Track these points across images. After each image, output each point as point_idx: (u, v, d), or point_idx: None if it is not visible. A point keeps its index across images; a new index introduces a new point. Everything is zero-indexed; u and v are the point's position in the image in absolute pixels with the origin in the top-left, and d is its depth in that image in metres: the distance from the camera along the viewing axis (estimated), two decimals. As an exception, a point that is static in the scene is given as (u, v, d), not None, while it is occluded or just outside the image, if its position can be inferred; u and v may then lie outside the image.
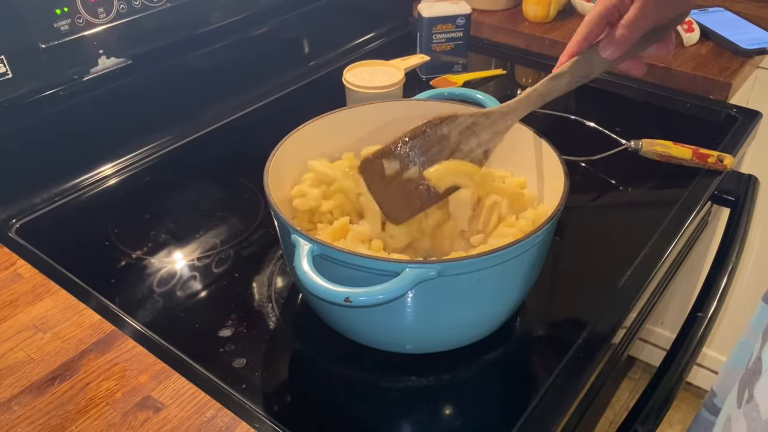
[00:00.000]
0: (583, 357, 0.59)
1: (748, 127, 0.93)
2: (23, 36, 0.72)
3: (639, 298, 0.66)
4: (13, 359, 0.55)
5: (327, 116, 0.68)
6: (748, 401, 0.47)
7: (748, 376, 0.49)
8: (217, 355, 0.59)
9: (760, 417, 0.45)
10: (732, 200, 0.83)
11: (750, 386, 0.48)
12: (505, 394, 0.59)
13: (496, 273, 0.53)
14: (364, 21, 1.19)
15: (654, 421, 0.64)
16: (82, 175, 0.83)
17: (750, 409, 0.46)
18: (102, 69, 0.80)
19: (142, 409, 0.51)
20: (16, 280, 0.64)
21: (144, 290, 0.67)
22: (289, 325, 0.63)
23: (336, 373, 0.59)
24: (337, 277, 0.48)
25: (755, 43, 1.04)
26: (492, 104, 0.71)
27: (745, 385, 0.49)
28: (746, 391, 0.48)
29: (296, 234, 0.52)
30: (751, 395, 0.47)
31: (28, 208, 0.77)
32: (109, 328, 0.59)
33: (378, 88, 0.87)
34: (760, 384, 0.46)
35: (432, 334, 0.58)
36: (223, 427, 0.50)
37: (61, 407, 0.51)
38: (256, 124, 0.95)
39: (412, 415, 0.56)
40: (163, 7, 0.84)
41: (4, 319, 0.59)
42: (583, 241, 0.74)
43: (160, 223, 0.76)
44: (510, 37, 1.16)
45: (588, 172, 0.84)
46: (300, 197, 0.64)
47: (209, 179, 0.85)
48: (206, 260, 0.71)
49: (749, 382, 0.48)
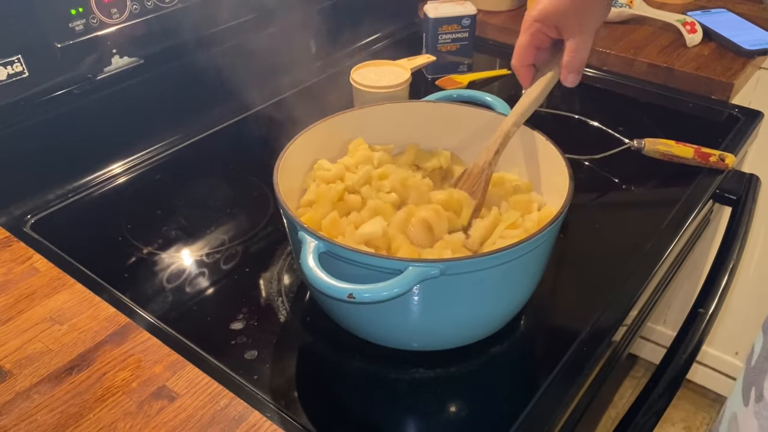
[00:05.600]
0: (584, 353, 0.60)
1: (750, 126, 0.94)
2: (39, 36, 0.74)
3: (640, 296, 0.67)
4: (31, 350, 0.57)
5: (336, 116, 0.70)
6: (758, 400, 0.46)
7: (754, 373, 0.48)
8: (229, 347, 0.61)
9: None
10: (733, 199, 0.84)
11: (758, 384, 0.47)
12: (510, 387, 0.61)
13: (500, 273, 0.54)
14: (370, 22, 1.20)
15: (654, 416, 0.65)
16: (94, 172, 0.84)
17: (761, 409, 0.45)
18: (115, 68, 0.82)
19: (158, 399, 0.53)
20: (33, 273, 0.65)
21: (157, 284, 0.68)
22: (298, 319, 0.65)
23: (345, 365, 0.61)
24: (343, 275, 0.50)
25: (757, 44, 1.05)
26: (500, 106, 0.72)
27: (751, 382, 0.48)
28: (753, 388, 0.47)
29: (303, 231, 0.53)
30: (760, 394, 0.46)
31: (42, 204, 0.79)
32: (124, 321, 0.60)
33: (385, 88, 0.89)
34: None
35: (438, 332, 0.59)
36: (237, 416, 0.51)
37: (78, 396, 0.53)
38: (265, 123, 0.96)
39: (419, 407, 0.57)
40: (175, 8, 0.86)
41: (22, 311, 0.61)
42: (586, 238, 0.76)
43: (172, 220, 0.78)
44: (514, 37, 1.16)
45: (591, 171, 0.85)
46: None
47: (219, 177, 0.86)
48: (217, 255, 0.72)
49: (755, 380, 0.47)
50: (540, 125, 0.67)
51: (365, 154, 0.68)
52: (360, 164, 0.68)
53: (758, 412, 0.46)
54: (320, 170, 0.67)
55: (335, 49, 1.14)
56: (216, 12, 0.91)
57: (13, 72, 0.72)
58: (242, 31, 0.95)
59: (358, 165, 0.68)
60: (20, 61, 0.73)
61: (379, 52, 1.17)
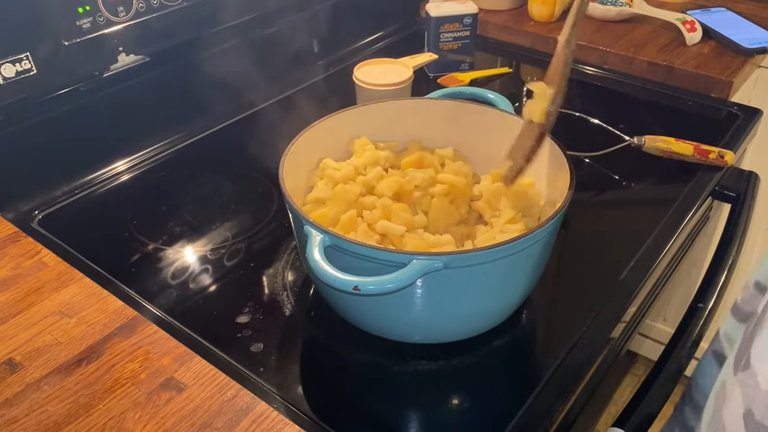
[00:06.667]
0: (585, 347, 0.61)
1: (749, 124, 0.95)
2: (47, 34, 0.75)
3: (639, 292, 0.68)
4: (41, 342, 0.58)
5: (340, 113, 0.71)
6: (744, 368, 0.45)
7: (745, 342, 0.46)
8: (235, 340, 0.62)
9: (758, 386, 0.42)
10: (733, 196, 0.85)
11: (746, 352, 0.45)
12: (511, 379, 0.62)
13: (502, 266, 0.55)
14: (373, 20, 1.21)
15: (653, 411, 0.66)
16: (101, 168, 0.85)
17: (746, 377, 0.44)
18: (121, 66, 0.83)
19: (166, 389, 0.54)
20: (42, 268, 0.66)
21: (163, 279, 0.69)
22: (303, 313, 0.66)
23: (349, 357, 0.62)
24: (348, 268, 0.51)
25: (756, 43, 1.06)
26: (503, 103, 0.73)
27: (743, 352, 0.46)
28: (744, 357, 0.46)
29: (309, 225, 0.54)
30: (747, 362, 0.45)
31: (49, 200, 0.80)
32: (132, 314, 0.61)
33: (387, 86, 0.89)
34: (756, 349, 0.44)
35: (440, 325, 0.60)
36: (244, 407, 0.52)
37: (88, 387, 0.54)
38: (269, 121, 0.97)
39: (420, 398, 0.58)
40: (180, 6, 0.87)
41: (31, 304, 0.62)
42: (587, 234, 0.77)
43: (177, 215, 0.79)
44: (516, 36, 1.19)
45: (592, 167, 0.86)
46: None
47: (224, 173, 0.87)
48: (222, 251, 0.73)
49: (746, 348, 0.46)
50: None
51: (372, 155, 0.69)
52: (368, 165, 0.69)
53: (743, 381, 0.45)
54: (328, 169, 0.68)
55: (338, 47, 1.15)
56: (220, 10, 0.92)
57: (21, 69, 0.73)
58: (246, 30, 0.96)
59: (366, 167, 0.69)
60: (28, 59, 0.74)
61: (382, 50, 1.18)
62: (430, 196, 0.67)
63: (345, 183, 0.66)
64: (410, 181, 0.67)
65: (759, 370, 0.43)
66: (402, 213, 0.63)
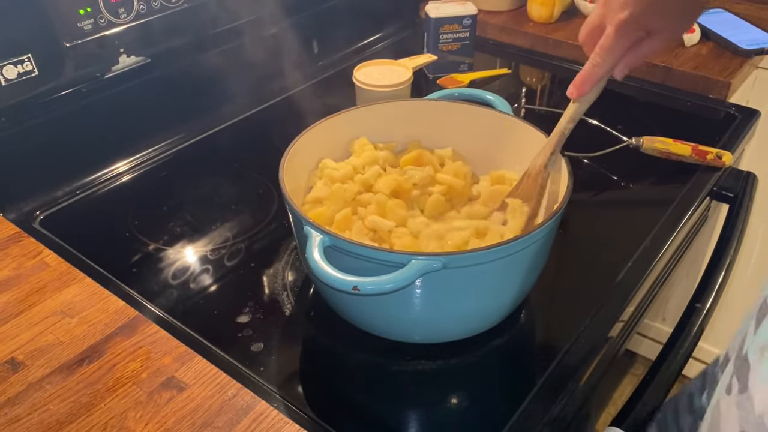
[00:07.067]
0: (583, 347, 0.62)
1: (747, 125, 0.95)
2: (49, 35, 0.75)
3: (637, 291, 0.68)
4: (43, 342, 0.58)
5: (340, 114, 0.71)
6: (741, 391, 0.46)
7: (738, 362, 0.48)
8: (235, 340, 0.62)
9: (753, 410, 0.44)
10: (731, 196, 0.85)
11: (742, 376, 0.47)
12: (510, 379, 0.62)
13: (501, 266, 0.56)
14: (372, 22, 1.21)
15: (651, 411, 0.66)
16: (102, 169, 0.86)
17: (743, 400, 0.45)
18: (122, 67, 0.84)
19: (167, 389, 0.54)
20: (43, 268, 0.67)
21: (164, 279, 0.70)
22: (303, 313, 0.66)
23: (348, 357, 0.62)
24: (347, 268, 0.51)
25: (754, 44, 1.06)
26: (501, 105, 0.73)
27: (737, 373, 0.47)
28: (734, 377, 0.47)
29: (309, 226, 0.55)
30: (744, 385, 0.46)
31: (51, 201, 0.81)
32: (133, 314, 0.61)
33: (387, 87, 0.90)
34: (753, 375, 0.45)
35: (439, 325, 0.61)
36: (244, 406, 0.53)
37: (90, 386, 0.54)
38: (269, 122, 0.98)
39: (419, 398, 0.58)
40: (181, 8, 0.87)
41: (33, 304, 0.62)
42: (585, 235, 0.77)
43: (178, 216, 0.79)
44: (515, 37, 1.19)
45: (590, 168, 0.87)
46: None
47: (224, 174, 0.88)
48: (222, 251, 0.74)
49: (740, 373, 0.47)
50: (540, 123, 0.68)
51: (371, 154, 0.70)
52: (367, 165, 0.69)
53: (740, 403, 0.46)
54: (327, 169, 0.68)
55: (338, 48, 1.15)
56: (221, 12, 0.93)
57: (23, 71, 0.74)
58: (247, 31, 0.97)
59: (365, 166, 0.69)
60: (30, 60, 0.74)
61: (381, 51, 1.18)
62: (428, 194, 0.68)
63: (343, 182, 0.67)
64: (408, 179, 0.67)
65: (755, 394, 0.44)
66: (397, 209, 0.64)
